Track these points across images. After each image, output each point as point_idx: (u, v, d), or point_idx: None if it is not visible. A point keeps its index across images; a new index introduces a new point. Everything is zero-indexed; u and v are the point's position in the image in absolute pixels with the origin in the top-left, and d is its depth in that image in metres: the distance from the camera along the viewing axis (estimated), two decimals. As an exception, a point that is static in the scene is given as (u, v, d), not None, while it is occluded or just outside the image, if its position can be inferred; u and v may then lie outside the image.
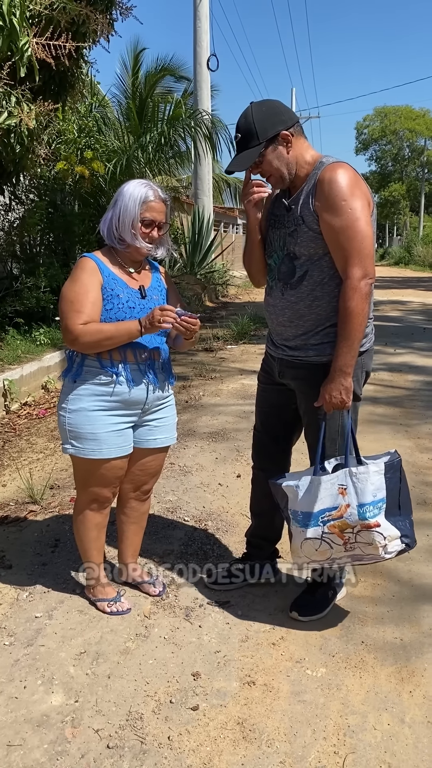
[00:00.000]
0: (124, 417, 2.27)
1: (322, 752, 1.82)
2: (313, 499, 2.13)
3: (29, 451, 4.25)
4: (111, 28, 5.52)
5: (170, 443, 2.47)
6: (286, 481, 2.22)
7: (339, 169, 2.06)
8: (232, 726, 1.91)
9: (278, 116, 2.11)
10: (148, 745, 1.84)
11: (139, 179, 2.28)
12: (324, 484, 2.12)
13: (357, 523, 2.08)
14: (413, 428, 4.75)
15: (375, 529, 2.08)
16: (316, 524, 2.12)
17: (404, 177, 55.88)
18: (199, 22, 13.32)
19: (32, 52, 4.53)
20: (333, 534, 2.12)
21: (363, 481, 2.09)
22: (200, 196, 14.11)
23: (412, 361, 7.31)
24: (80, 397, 2.21)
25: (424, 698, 2.02)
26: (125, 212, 2.18)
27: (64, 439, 2.28)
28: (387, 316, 11.48)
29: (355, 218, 2.02)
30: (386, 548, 2.12)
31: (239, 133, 2.13)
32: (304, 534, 2.15)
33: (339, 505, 2.10)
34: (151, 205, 2.19)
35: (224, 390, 5.90)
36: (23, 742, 1.84)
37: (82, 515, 2.39)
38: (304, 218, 2.12)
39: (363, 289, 2.05)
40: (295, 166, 2.15)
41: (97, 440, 2.22)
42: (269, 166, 2.14)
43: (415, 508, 3.36)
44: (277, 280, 2.27)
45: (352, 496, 2.09)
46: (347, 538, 2.12)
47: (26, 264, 7.48)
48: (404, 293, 16.74)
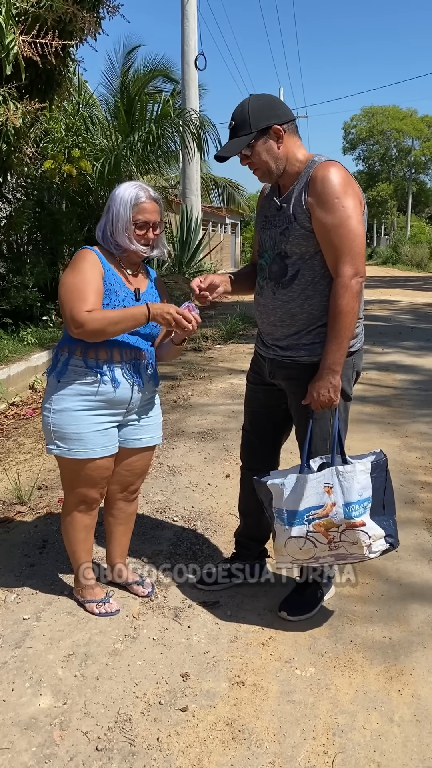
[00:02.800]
0: (108, 417, 2.26)
1: (312, 752, 1.82)
2: (299, 497, 2.12)
3: (17, 452, 4.22)
4: (98, 27, 5.51)
5: (156, 443, 2.47)
6: (271, 479, 2.21)
7: (332, 167, 2.07)
8: (221, 727, 1.90)
9: (273, 110, 2.12)
10: (137, 746, 1.83)
11: (129, 182, 2.26)
12: (310, 482, 2.11)
13: (342, 522, 2.08)
14: (401, 427, 4.77)
15: (360, 528, 2.08)
16: (301, 523, 2.12)
17: (391, 177, 56.18)
18: (187, 21, 13.30)
19: (18, 50, 4.51)
20: (318, 533, 2.12)
21: (349, 479, 2.09)
22: (188, 195, 14.09)
23: (400, 361, 7.34)
24: (64, 396, 2.20)
25: (412, 697, 2.03)
26: (118, 217, 2.17)
27: (48, 440, 2.27)
28: (375, 315, 11.53)
29: (347, 216, 2.02)
30: (371, 547, 2.13)
31: (233, 120, 2.14)
32: (289, 532, 2.14)
33: (325, 503, 2.10)
34: (143, 207, 2.18)
35: (213, 390, 5.90)
36: (11, 746, 1.83)
37: (70, 517, 2.37)
38: (296, 216, 2.12)
39: (354, 288, 2.05)
40: (284, 162, 2.15)
41: (81, 440, 2.21)
42: (257, 158, 2.15)
43: (402, 506, 3.38)
44: (268, 280, 2.27)
45: (338, 495, 2.09)
46: (332, 537, 2.12)
47: (13, 263, 7.43)
48: (392, 293, 16.83)
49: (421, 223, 48.80)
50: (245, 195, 26.05)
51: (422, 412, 5.20)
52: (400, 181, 56.02)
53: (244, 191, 26.20)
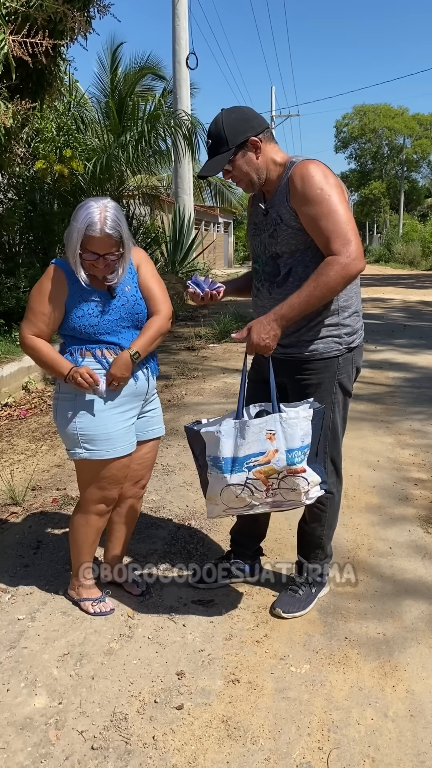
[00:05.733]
0: (132, 411, 2.29)
1: (307, 748, 1.83)
2: (239, 444, 2.06)
3: (10, 453, 4.21)
4: (89, 26, 5.48)
5: (162, 433, 2.51)
6: (204, 427, 2.14)
7: (309, 164, 2.08)
8: (216, 724, 1.91)
9: (248, 122, 2.13)
10: (132, 745, 1.83)
11: (96, 199, 2.12)
12: (252, 428, 2.06)
13: (284, 469, 2.05)
14: (394, 425, 4.79)
15: (301, 474, 2.06)
16: (241, 470, 2.06)
17: (384, 175, 56.30)
18: (178, 20, 13.29)
19: (8, 50, 4.49)
20: (258, 480, 2.07)
21: (293, 426, 2.05)
22: (181, 194, 14.09)
23: (392, 358, 7.37)
24: (88, 399, 2.20)
25: (406, 692, 2.04)
26: (69, 236, 2.09)
27: (72, 445, 2.24)
28: (368, 313, 11.55)
29: (334, 203, 2.03)
30: (308, 494, 2.11)
31: (210, 139, 2.15)
32: (226, 480, 2.07)
33: (267, 450, 2.05)
34: (91, 239, 2.06)
35: (206, 389, 5.90)
36: (6, 746, 1.83)
37: (85, 518, 2.36)
38: (282, 217, 2.14)
39: (348, 268, 2.02)
40: (265, 171, 2.17)
41: (111, 439, 2.22)
42: (239, 171, 2.16)
43: (396, 503, 3.40)
44: (263, 281, 2.29)
45: (280, 441, 2.05)
46: (271, 483, 2.07)
47: (5, 263, 7.42)
48: (385, 291, 16.87)
49: (413, 221, 48.87)
50: (237, 194, 26.03)
51: (415, 409, 5.22)
52: (392, 180, 56.15)
53: (236, 190, 26.16)
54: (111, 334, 2.22)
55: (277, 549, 2.91)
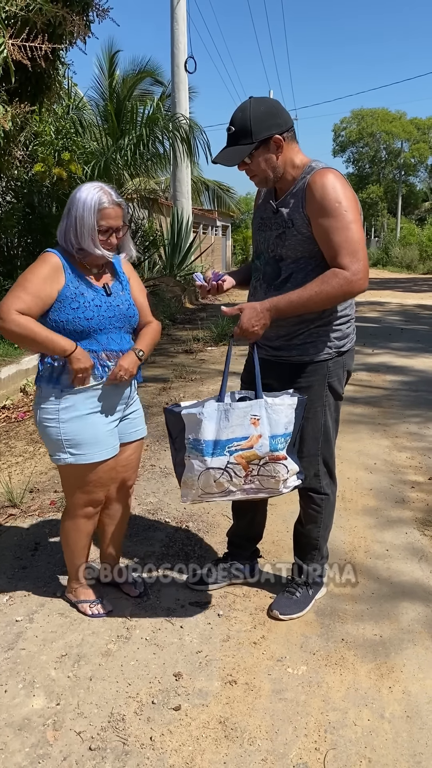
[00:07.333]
0: (115, 414, 2.29)
1: (304, 749, 1.83)
2: (222, 427, 2.04)
3: (8, 455, 4.22)
4: (87, 30, 5.51)
5: (144, 434, 2.52)
6: (185, 409, 2.11)
7: (330, 174, 2.07)
8: (214, 725, 1.92)
9: (275, 118, 2.08)
10: (130, 746, 1.84)
11: (90, 183, 2.17)
12: (237, 412, 2.04)
13: (266, 455, 2.04)
14: (391, 428, 4.80)
15: (282, 461, 2.06)
16: (222, 453, 2.03)
17: (381, 179, 56.38)
18: (177, 24, 13.33)
19: (8, 54, 4.51)
20: (239, 465, 2.05)
21: (278, 412, 2.06)
22: (179, 198, 14.11)
23: (389, 362, 7.38)
24: (73, 403, 2.19)
25: (403, 694, 2.05)
26: (81, 222, 2.10)
27: (56, 450, 2.22)
28: (365, 317, 11.58)
29: (350, 220, 2.03)
30: (286, 482, 2.11)
31: (233, 126, 2.08)
32: (206, 464, 2.04)
33: (250, 435, 2.04)
34: (106, 212, 2.11)
35: (204, 392, 5.91)
36: (4, 746, 1.83)
37: (74, 522, 2.37)
38: (294, 222, 2.13)
39: (353, 285, 2.03)
40: (281, 170, 2.14)
41: (97, 443, 2.22)
42: (256, 167, 2.14)
43: (393, 506, 3.41)
44: (261, 281, 2.29)
45: (264, 427, 2.04)
46: (251, 470, 2.06)
47: (3, 266, 7.42)
48: (382, 294, 16.89)
49: (410, 225, 48.92)
50: (235, 198, 26.10)
51: (412, 412, 5.24)
52: (389, 183, 56.23)
53: (234, 194, 26.25)
54: (103, 332, 2.21)
55: (274, 551, 2.92)
